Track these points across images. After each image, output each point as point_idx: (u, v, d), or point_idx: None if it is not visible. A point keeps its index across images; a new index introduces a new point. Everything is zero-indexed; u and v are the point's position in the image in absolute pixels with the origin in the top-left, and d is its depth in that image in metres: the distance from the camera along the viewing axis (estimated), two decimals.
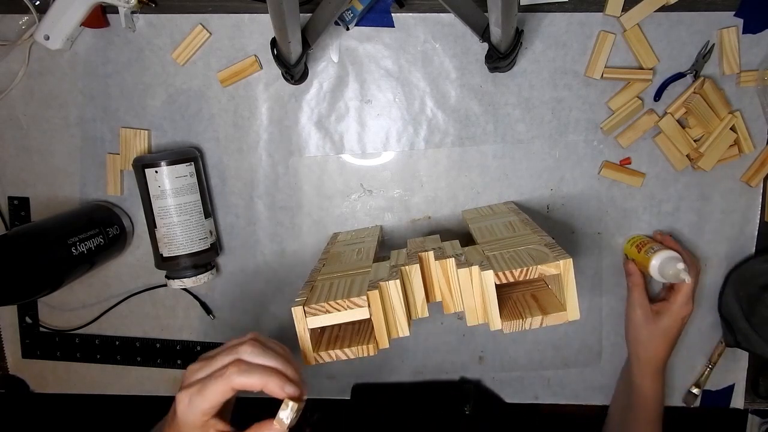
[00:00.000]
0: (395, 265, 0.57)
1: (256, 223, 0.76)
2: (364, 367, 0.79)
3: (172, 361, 0.80)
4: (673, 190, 0.74)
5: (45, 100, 0.74)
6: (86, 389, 0.83)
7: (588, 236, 0.76)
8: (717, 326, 0.78)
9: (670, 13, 0.69)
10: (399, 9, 0.70)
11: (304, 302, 0.51)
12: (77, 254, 0.65)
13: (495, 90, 0.72)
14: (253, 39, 0.71)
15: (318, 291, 0.54)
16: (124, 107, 0.74)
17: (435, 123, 0.73)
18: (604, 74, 0.70)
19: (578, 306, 0.51)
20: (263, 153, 0.74)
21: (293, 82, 0.71)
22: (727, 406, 0.80)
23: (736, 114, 0.71)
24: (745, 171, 0.73)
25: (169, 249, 0.69)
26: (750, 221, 0.75)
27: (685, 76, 0.71)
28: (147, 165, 0.67)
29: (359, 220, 0.76)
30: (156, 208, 0.68)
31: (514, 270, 0.49)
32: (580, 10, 0.70)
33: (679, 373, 0.79)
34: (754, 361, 0.79)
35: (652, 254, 0.68)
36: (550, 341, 0.79)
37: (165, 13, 0.71)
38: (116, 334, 0.80)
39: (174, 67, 0.72)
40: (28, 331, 0.81)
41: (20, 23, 0.72)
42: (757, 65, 0.71)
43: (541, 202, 0.75)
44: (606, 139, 0.73)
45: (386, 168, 0.75)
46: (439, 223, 0.76)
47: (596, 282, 0.77)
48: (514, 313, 0.53)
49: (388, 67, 0.72)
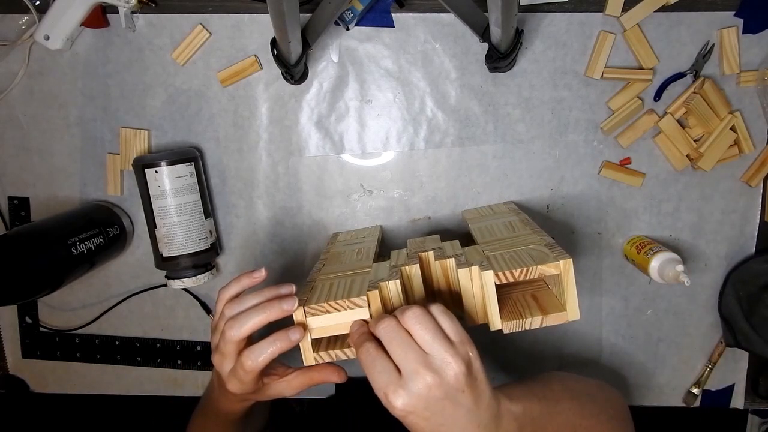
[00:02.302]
0: (395, 265, 0.57)
1: (256, 223, 0.76)
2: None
3: (172, 361, 0.80)
4: (673, 190, 0.74)
5: (45, 100, 0.74)
6: (86, 389, 0.83)
7: (588, 236, 0.76)
8: (717, 326, 0.78)
9: (670, 13, 0.69)
10: (399, 9, 0.70)
11: (304, 302, 0.51)
12: (77, 254, 0.65)
13: (495, 90, 0.72)
14: (253, 39, 0.71)
15: (318, 291, 0.54)
16: (124, 107, 0.74)
17: (435, 123, 0.73)
18: (604, 74, 0.70)
19: (578, 306, 0.51)
20: (263, 153, 0.74)
21: (293, 82, 0.71)
22: (727, 406, 0.80)
23: (736, 114, 0.71)
24: (745, 171, 0.73)
25: (169, 249, 0.69)
26: (750, 221, 0.75)
27: (685, 76, 0.71)
28: (147, 165, 0.67)
29: (359, 220, 0.76)
30: (156, 208, 0.68)
31: (514, 270, 0.49)
32: (580, 10, 0.70)
33: (679, 373, 0.79)
34: (754, 361, 0.79)
35: (652, 255, 0.68)
36: (549, 341, 0.79)
37: (165, 13, 0.71)
38: (116, 334, 0.80)
39: (174, 67, 0.72)
40: (28, 331, 0.81)
41: (20, 23, 0.72)
42: (757, 65, 0.71)
43: (541, 202, 0.75)
44: (606, 139, 0.73)
45: (386, 168, 0.75)
46: (439, 223, 0.76)
47: (596, 282, 0.77)
48: (514, 313, 0.53)
49: (388, 67, 0.72)
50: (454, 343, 0.43)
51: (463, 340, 0.44)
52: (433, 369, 0.41)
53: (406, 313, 0.43)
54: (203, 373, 0.81)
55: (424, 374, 0.41)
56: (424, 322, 0.43)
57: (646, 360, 0.79)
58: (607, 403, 0.61)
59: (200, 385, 0.81)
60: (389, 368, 0.42)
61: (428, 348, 0.42)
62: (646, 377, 0.80)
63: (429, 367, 0.41)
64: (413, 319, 0.43)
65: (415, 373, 0.41)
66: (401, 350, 0.42)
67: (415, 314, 0.43)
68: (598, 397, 0.61)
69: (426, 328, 0.43)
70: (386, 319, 0.44)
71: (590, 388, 0.62)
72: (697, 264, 0.76)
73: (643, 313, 0.78)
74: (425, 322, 0.43)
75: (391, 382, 0.41)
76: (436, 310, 0.45)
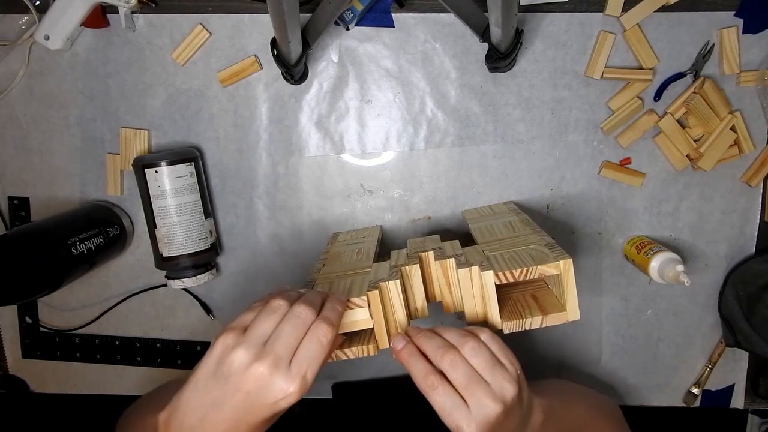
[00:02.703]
0: (395, 265, 0.57)
1: (256, 223, 0.76)
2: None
3: (172, 361, 0.80)
4: (673, 190, 0.74)
5: (45, 100, 0.74)
6: (86, 389, 0.83)
7: (588, 236, 0.76)
8: (717, 326, 0.78)
9: (670, 13, 0.69)
10: (399, 9, 0.70)
11: None
12: (77, 254, 0.65)
13: (495, 90, 0.72)
14: (253, 39, 0.71)
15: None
16: (124, 107, 0.73)
17: (435, 123, 0.73)
18: (604, 74, 0.70)
19: (578, 306, 0.51)
20: (263, 153, 0.74)
21: (293, 82, 0.71)
22: (727, 406, 0.80)
23: (736, 114, 0.71)
24: (745, 171, 0.73)
25: (169, 249, 0.69)
26: (750, 221, 0.75)
27: (685, 76, 0.71)
28: (147, 165, 0.67)
29: (359, 220, 0.76)
30: (156, 208, 0.68)
31: (514, 270, 0.49)
32: (580, 10, 0.70)
33: (679, 373, 0.79)
34: (754, 361, 0.79)
35: (652, 255, 0.68)
36: (549, 341, 0.79)
37: (165, 13, 0.71)
38: (116, 334, 0.80)
39: (174, 67, 0.72)
40: (28, 331, 0.81)
41: (20, 23, 0.72)
42: (757, 65, 0.71)
43: (541, 202, 0.75)
44: (606, 139, 0.73)
45: (386, 168, 0.75)
46: (439, 223, 0.76)
47: (596, 282, 0.77)
48: (514, 313, 0.53)
49: (388, 67, 0.72)
50: (506, 367, 0.47)
51: (511, 360, 0.48)
52: (496, 398, 0.45)
53: (466, 347, 0.46)
54: None
55: (491, 405, 0.45)
56: (482, 354, 0.46)
57: (646, 360, 0.79)
58: (605, 405, 0.68)
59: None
60: (458, 403, 0.45)
61: (489, 378, 0.46)
62: (646, 377, 0.80)
63: (493, 397, 0.45)
64: (472, 351, 0.46)
65: (484, 407, 0.45)
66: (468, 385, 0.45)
67: (473, 348, 0.46)
68: (602, 402, 0.68)
69: (486, 360, 0.46)
70: (449, 354, 0.46)
71: (588, 392, 0.70)
72: (697, 264, 0.76)
73: (643, 313, 0.78)
74: (483, 354, 0.46)
75: (462, 418, 0.45)
76: (487, 337, 0.48)
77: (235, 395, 0.42)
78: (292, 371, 0.42)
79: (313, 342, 0.44)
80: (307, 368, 0.43)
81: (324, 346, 0.44)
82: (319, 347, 0.44)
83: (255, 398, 0.42)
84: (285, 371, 0.42)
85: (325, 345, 0.44)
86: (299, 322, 0.44)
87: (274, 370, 0.42)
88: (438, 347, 0.47)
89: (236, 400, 0.42)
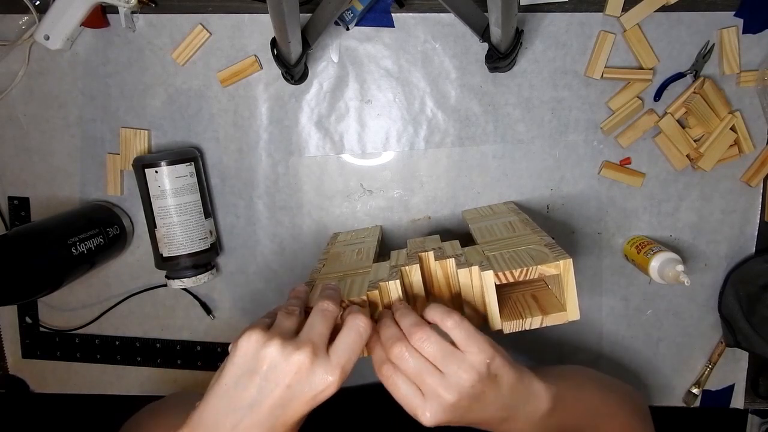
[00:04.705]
0: (395, 265, 0.57)
1: (256, 223, 0.76)
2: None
3: (172, 361, 0.80)
4: (673, 190, 0.74)
5: (45, 100, 0.74)
6: (86, 389, 0.83)
7: (588, 236, 0.76)
8: (717, 326, 0.78)
9: (670, 13, 0.69)
10: (399, 9, 0.70)
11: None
12: (77, 254, 0.65)
13: (495, 90, 0.72)
14: (253, 39, 0.71)
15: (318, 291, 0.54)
16: (124, 107, 0.74)
17: (435, 123, 0.73)
18: (604, 74, 0.70)
19: (578, 306, 0.51)
20: (263, 153, 0.74)
21: (293, 82, 0.71)
22: (727, 406, 0.80)
23: (736, 114, 0.71)
24: (745, 171, 0.73)
25: (169, 249, 0.69)
26: (750, 221, 0.75)
27: (685, 76, 0.71)
28: (147, 165, 0.67)
29: (359, 220, 0.76)
30: (156, 208, 0.68)
31: (514, 270, 0.49)
32: (580, 10, 0.70)
33: (679, 373, 0.79)
34: (754, 361, 0.79)
35: (652, 255, 0.68)
36: (549, 341, 0.79)
37: (165, 13, 0.71)
38: (116, 334, 0.80)
39: (174, 67, 0.72)
40: (28, 331, 0.81)
41: (20, 23, 0.72)
42: (757, 65, 0.71)
43: (541, 202, 0.75)
44: (606, 139, 0.73)
45: (386, 168, 0.75)
46: (439, 223, 0.76)
47: (596, 282, 0.77)
48: (514, 313, 0.53)
49: (388, 67, 0.72)
50: (467, 354, 0.44)
51: (481, 346, 0.44)
52: (450, 387, 0.43)
53: (414, 338, 0.44)
54: (203, 373, 0.81)
55: (444, 394, 0.43)
56: (432, 344, 0.44)
57: (646, 360, 0.79)
58: (627, 397, 0.63)
59: (200, 384, 0.81)
60: (413, 391, 0.44)
61: (442, 367, 0.43)
62: (646, 377, 0.80)
63: (446, 386, 0.43)
64: (420, 342, 0.44)
65: (437, 396, 0.43)
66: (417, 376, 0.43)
67: (422, 339, 0.44)
68: (619, 390, 0.63)
69: (437, 349, 0.44)
70: (396, 346, 0.44)
71: (612, 382, 0.65)
72: (697, 264, 0.76)
73: (643, 313, 0.78)
74: (434, 343, 0.44)
75: (417, 406, 0.43)
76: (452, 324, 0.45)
77: (274, 391, 0.40)
78: (332, 361, 0.41)
79: (351, 332, 0.43)
80: (347, 359, 0.42)
81: (362, 337, 0.44)
82: (357, 338, 0.43)
83: (295, 392, 0.41)
84: (325, 359, 0.41)
85: (364, 336, 0.44)
86: (327, 314, 0.44)
87: (314, 358, 0.41)
88: (388, 338, 0.45)
89: (276, 397, 0.40)
